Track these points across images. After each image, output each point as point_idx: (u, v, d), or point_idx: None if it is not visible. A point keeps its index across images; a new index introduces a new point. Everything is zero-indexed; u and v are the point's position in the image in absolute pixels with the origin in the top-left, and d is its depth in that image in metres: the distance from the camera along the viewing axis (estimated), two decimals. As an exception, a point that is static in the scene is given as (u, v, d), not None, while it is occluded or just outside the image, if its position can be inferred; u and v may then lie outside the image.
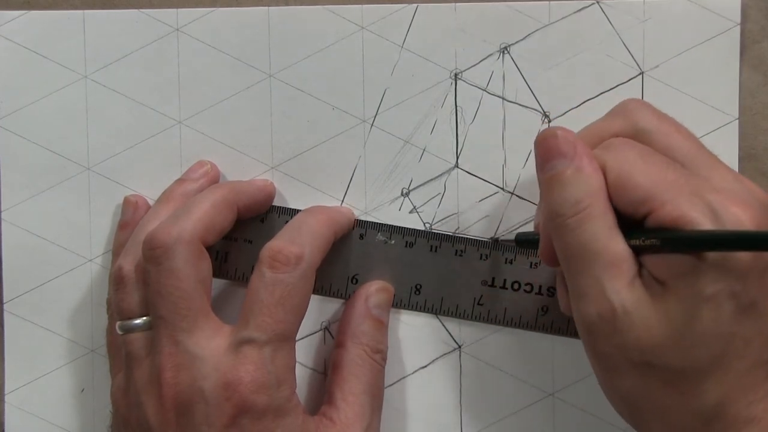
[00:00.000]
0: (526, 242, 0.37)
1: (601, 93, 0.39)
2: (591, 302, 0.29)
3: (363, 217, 0.39)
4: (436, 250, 0.38)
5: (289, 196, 0.39)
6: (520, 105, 0.39)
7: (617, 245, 0.29)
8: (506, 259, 0.38)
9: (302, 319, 0.33)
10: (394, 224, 0.39)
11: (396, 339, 0.39)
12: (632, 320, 0.28)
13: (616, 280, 0.28)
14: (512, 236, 0.38)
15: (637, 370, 0.29)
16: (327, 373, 0.39)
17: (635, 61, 0.38)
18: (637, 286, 0.28)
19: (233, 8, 0.39)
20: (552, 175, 0.30)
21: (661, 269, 0.28)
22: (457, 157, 0.39)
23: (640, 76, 0.38)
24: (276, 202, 0.39)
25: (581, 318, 0.29)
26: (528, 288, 0.38)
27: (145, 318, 0.34)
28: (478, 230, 0.39)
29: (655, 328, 0.28)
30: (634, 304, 0.28)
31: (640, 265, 0.29)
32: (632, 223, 0.29)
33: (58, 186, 0.39)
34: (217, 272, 0.38)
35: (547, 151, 0.30)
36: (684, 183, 0.28)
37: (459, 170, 0.39)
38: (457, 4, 0.39)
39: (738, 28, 0.38)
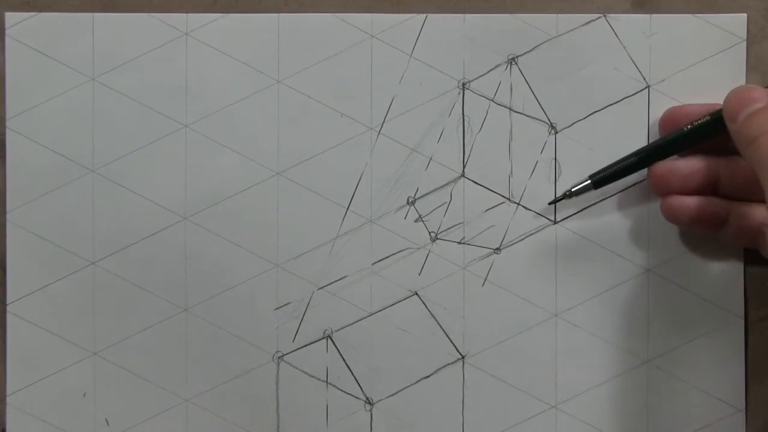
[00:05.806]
0: (604, 179, 0.38)
1: (608, 105, 0.39)
2: None
3: (368, 225, 0.39)
4: None
5: (294, 203, 0.39)
6: (527, 116, 0.39)
7: None
8: None
9: None
10: (399, 234, 0.39)
11: (398, 348, 0.39)
12: None
13: None
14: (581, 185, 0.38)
15: None
16: (328, 380, 0.39)
17: (642, 74, 0.39)
18: None
19: (243, 14, 0.39)
20: (751, 113, 0.34)
21: None
22: (464, 167, 0.39)
23: (647, 89, 0.39)
24: (280, 209, 0.39)
25: None
26: None
27: None
28: (483, 240, 0.39)
29: None
30: None
31: None
32: None
33: (62, 188, 0.39)
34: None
35: (742, 100, 0.34)
36: None
37: (465, 180, 0.39)
38: (466, 14, 0.39)
39: (744, 44, 0.38)
